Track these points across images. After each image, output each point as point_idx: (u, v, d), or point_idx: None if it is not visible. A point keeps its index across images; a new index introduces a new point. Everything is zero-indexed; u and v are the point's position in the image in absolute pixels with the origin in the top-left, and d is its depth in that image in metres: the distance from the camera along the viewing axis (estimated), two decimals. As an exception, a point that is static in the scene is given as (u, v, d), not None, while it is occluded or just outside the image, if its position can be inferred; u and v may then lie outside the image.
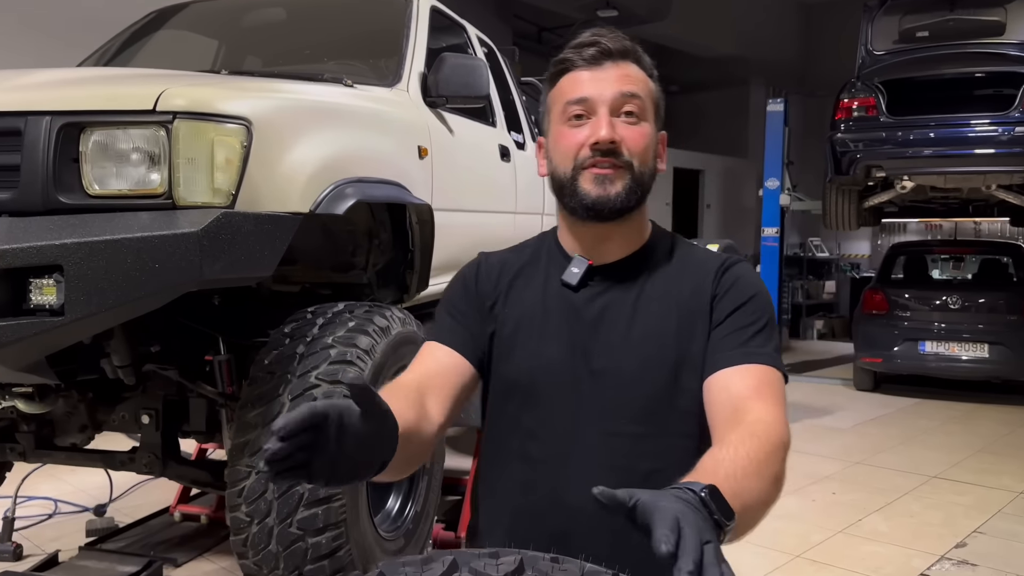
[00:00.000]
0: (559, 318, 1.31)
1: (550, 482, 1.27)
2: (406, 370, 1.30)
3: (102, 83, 1.95)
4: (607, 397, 1.27)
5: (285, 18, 3.60)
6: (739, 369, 1.22)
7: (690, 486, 0.91)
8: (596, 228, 1.29)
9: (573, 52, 1.29)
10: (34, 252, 1.61)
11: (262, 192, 1.87)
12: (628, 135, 1.26)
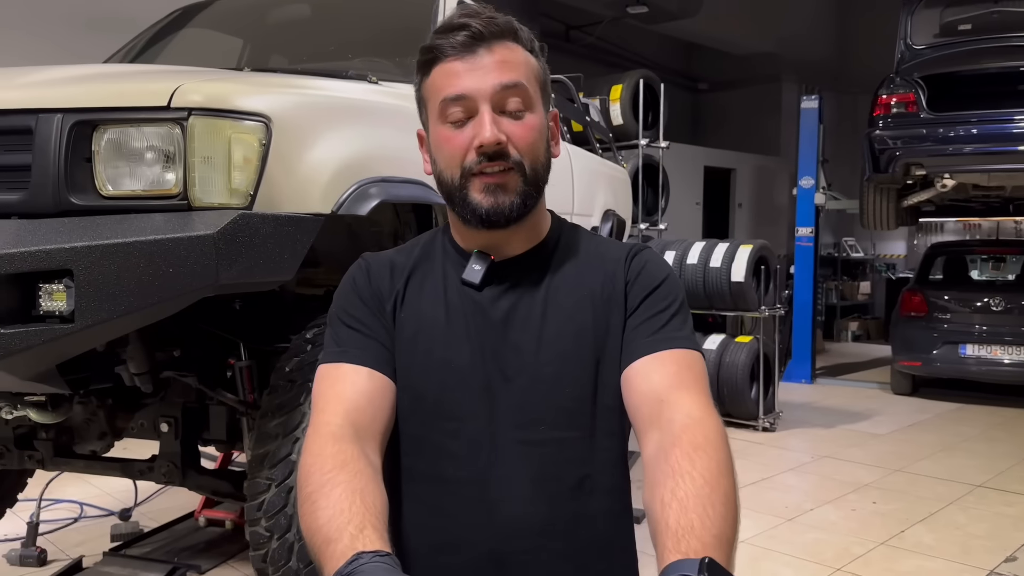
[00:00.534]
0: (463, 321, 1.19)
1: (472, 504, 1.16)
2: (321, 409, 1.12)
3: (115, 79, 1.87)
4: (525, 403, 1.16)
5: (310, 15, 3.53)
6: (658, 356, 1.14)
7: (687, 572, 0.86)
8: (493, 234, 1.19)
9: (442, 37, 1.15)
10: (43, 256, 1.54)
11: (282, 192, 1.78)
12: (515, 132, 1.14)
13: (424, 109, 1.20)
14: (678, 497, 0.97)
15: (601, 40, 10.54)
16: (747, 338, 6.56)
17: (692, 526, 0.93)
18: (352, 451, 1.04)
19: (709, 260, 6.49)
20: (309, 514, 0.96)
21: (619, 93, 7.27)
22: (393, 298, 1.23)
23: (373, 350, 1.18)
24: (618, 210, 5.54)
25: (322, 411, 1.11)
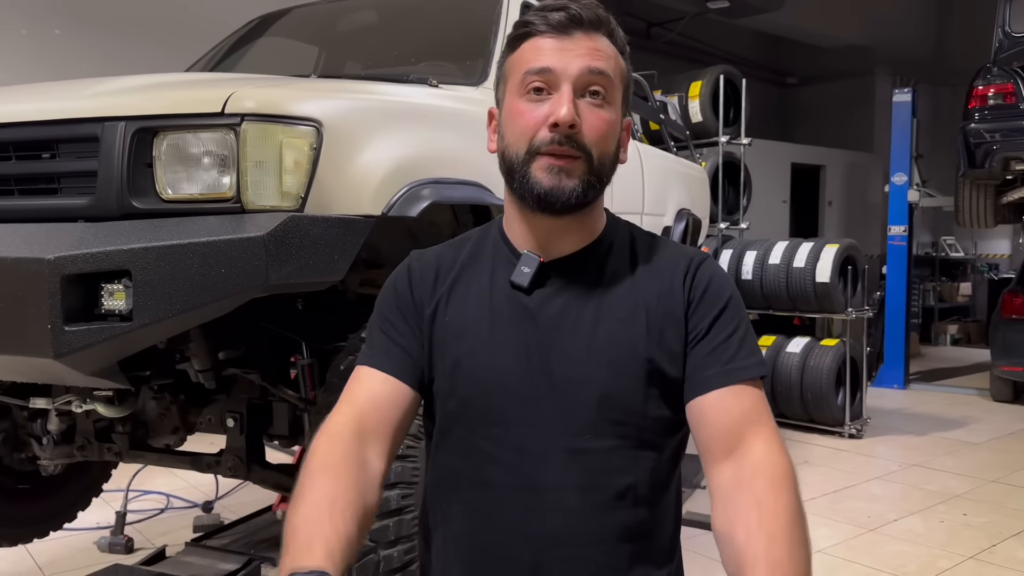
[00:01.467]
0: (510, 324, 1.17)
1: (515, 510, 1.14)
2: (336, 407, 1.15)
3: (174, 88, 1.95)
4: (572, 411, 1.13)
5: (380, 21, 3.59)
6: (729, 391, 1.11)
7: None
8: (548, 222, 1.16)
9: (537, 16, 1.14)
10: (103, 257, 1.61)
11: (333, 194, 1.82)
12: (589, 119, 1.12)
13: (502, 84, 1.20)
14: (766, 530, 0.98)
15: (683, 36, 10.38)
16: (833, 341, 6.33)
17: (782, 562, 0.95)
18: (344, 452, 1.06)
19: (793, 260, 6.30)
20: (290, 510, 1.00)
21: (698, 90, 7.13)
22: (435, 302, 1.22)
23: (397, 358, 1.19)
24: (694, 209, 5.43)
25: (336, 410, 1.14)
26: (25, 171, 1.86)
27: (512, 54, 1.18)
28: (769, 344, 6.41)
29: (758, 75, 12.04)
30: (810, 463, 5.43)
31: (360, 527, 1.01)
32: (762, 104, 11.89)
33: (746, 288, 6.51)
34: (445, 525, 1.21)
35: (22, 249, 1.66)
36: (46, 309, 1.61)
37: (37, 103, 1.90)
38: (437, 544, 1.22)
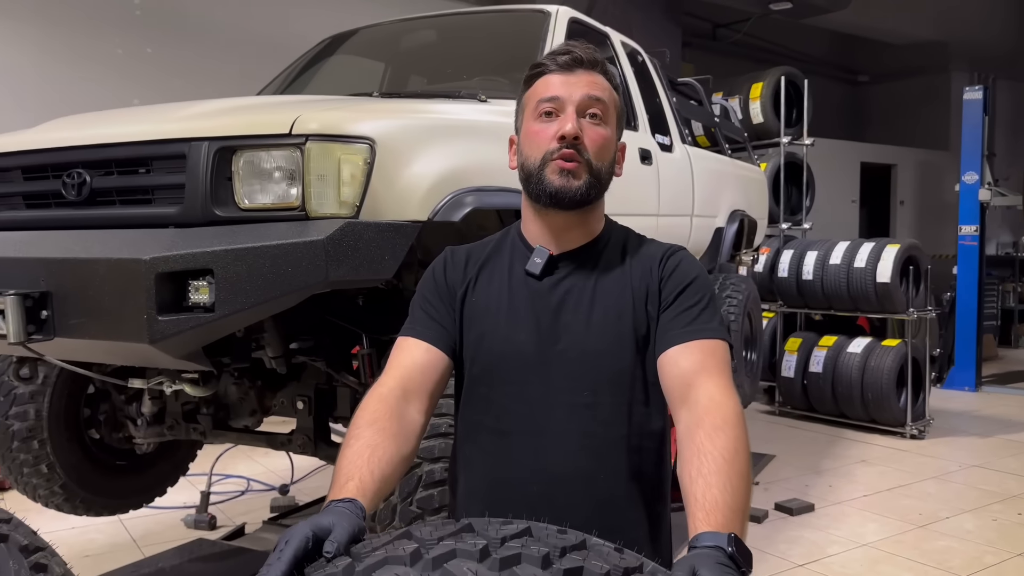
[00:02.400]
0: (525, 305, 1.43)
1: (527, 452, 1.39)
2: (385, 371, 1.40)
3: (248, 111, 2.23)
4: (574, 372, 1.39)
5: (439, 39, 3.85)
6: (687, 346, 1.34)
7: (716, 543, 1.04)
8: (558, 217, 1.42)
9: (548, 59, 1.43)
10: (191, 258, 1.90)
11: (384, 203, 2.07)
12: (590, 134, 1.39)
13: (521, 114, 1.49)
14: (703, 474, 1.17)
15: (749, 37, 10.37)
16: (895, 341, 6.32)
17: (716, 501, 1.13)
18: (388, 409, 1.31)
19: (853, 260, 6.32)
20: (340, 453, 1.24)
21: (759, 91, 7.19)
22: (465, 285, 1.50)
23: (435, 330, 1.46)
24: (750, 211, 5.53)
25: (384, 373, 1.41)
26: (125, 184, 2.17)
27: (528, 90, 1.48)
28: (830, 344, 6.43)
29: (829, 74, 11.91)
30: (867, 462, 5.46)
31: (395, 471, 1.25)
32: (832, 103, 11.76)
33: (807, 288, 6.55)
34: (469, 469, 1.49)
35: (123, 251, 1.97)
36: (143, 302, 1.91)
37: (135, 126, 2.22)
38: (462, 489, 1.50)
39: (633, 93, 3.94)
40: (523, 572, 0.88)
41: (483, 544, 0.92)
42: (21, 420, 2.89)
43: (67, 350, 2.21)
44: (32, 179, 2.33)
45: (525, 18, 3.51)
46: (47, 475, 2.95)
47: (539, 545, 0.94)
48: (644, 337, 1.41)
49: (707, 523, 1.09)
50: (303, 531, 1.00)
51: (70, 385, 2.98)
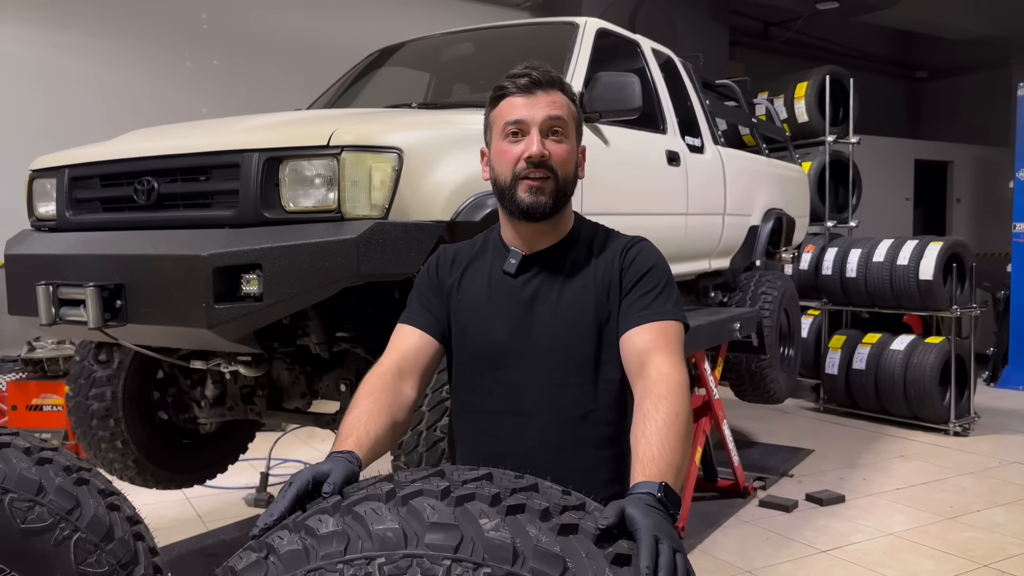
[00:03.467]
0: (502, 300, 1.64)
1: (507, 428, 1.62)
2: (384, 353, 1.63)
3: (293, 125, 2.52)
4: (546, 357, 1.60)
5: (477, 49, 4.10)
6: (643, 327, 1.54)
7: (648, 489, 1.24)
8: (530, 226, 1.62)
9: (509, 81, 1.61)
10: (243, 255, 2.19)
11: (411, 205, 2.33)
12: (554, 150, 1.58)
13: (489, 131, 1.68)
14: (645, 435, 1.39)
15: (802, 35, 10.36)
16: (938, 339, 6.33)
17: (652, 456, 1.34)
18: (384, 384, 1.55)
19: (896, 258, 6.35)
20: (343, 418, 1.48)
21: (804, 90, 7.26)
22: (451, 283, 1.72)
23: (427, 319, 1.69)
24: (788, 209, 5.64)
25: (384, 354, 1.65)
26: (187, 190, 2.48)
27: (493, 109, 1.65)
28: (874, 342, 6.47)
29: (886, 70, 11.79)
30: (906, 457, 5.52)
31: (388, 434, 1.49)
32: (888, 100, 11.63)
33: (850, 286, 6.61)
34: (462, 441, 1.72)
35: (185, 248, 2.27)
36: (202, 292, 2.21)
37: (195, 138, 2.52)
38: (459, 454, 1.73)
39: (662, 97, 4.12)
40: (473, 508, 1.10)
41: (446, 486, 1.15)
42: (99, 400, 3.24)
43: (138, 335, 2.53)
44: (108, 186, 2.66)
45: (555, 30, 3.74)
46: (121, 450, 3.29)
47: (492, 487, 1.16)
48: (607, 323, 1.61)
49: (644, 475, 1.30)
50: (305, 475, 1.24)
51: (142, 370, 3.32)
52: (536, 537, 1.06)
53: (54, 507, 1.51)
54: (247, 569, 1.10)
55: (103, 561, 1.53)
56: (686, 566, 1.11)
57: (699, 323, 3.96)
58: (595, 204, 3.17)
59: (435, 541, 1.05)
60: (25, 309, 2.59)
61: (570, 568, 1.03)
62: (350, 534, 1.08)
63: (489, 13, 8.01)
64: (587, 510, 1.18)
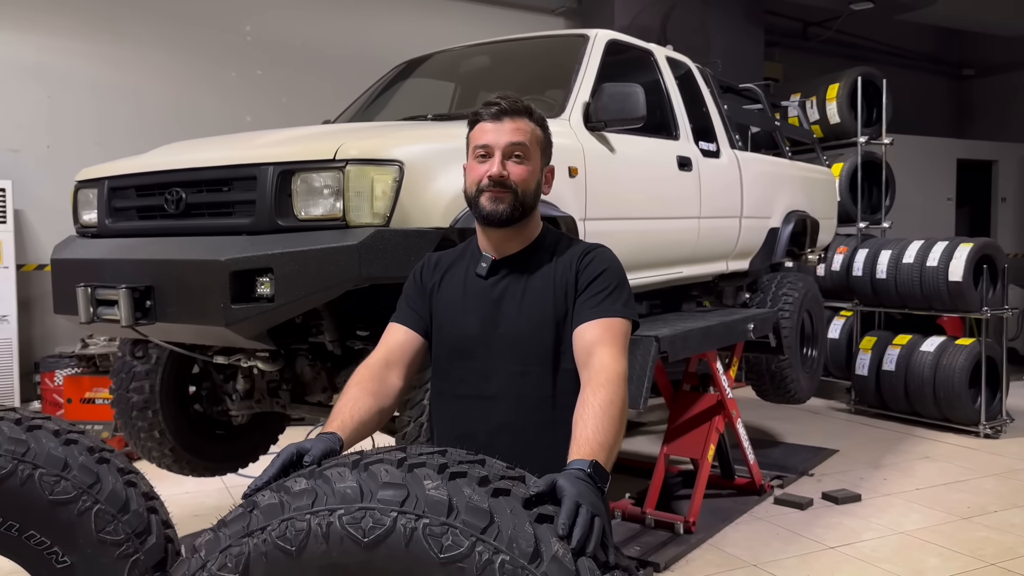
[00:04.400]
0: (474, 299, 1.84)
1: (476, 411, 1.82)
2: (376, 348, 1.85)
3: (304, 140, 2.74)
4: (510, 349, 1.80)
5: (496, 61, 4.28)
6: (591, 323, 1.73)
7: (580, 465, 1.44)
8: (497, 233, 1.83)
9: (483, 109, 1.84)
10: (256, 260, 2.41)
11: (411, 213, 2.52)
12: (514, 171, 1.79)
13: (468, 149, 1.90)
14: (583, 418, 1.58)
15: (843, 34, 10.30)
16: (969, 340, 6.31)
17: (587, 437, 1.53)
18: (372, 375, 1.77)
19: (926, 259, 6.35)
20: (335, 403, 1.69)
21: (835, 92, 7.27)
22: (432, 284, 1.94)
23: (413, 318, 1.91)
24: (812, 211, 5.70)
25: (375, 349, 1.87)
26: (211, 200, 2.72)
27: (469, 132, 1.89)
28: (904, 343, 6.47)
29: (929, 68, 11.63)
30: (931, 458, 5.53)
31: (373, 418, 1.71)
32: (931, 99, 11.47)
33: (880, 287, 6.61)
34: (439, 424, 1.94)
35: (206, 253, 2.50)
36: (221, 293, 2.43)
37: (218, 152, 2.76)
38: (437, 433, 1.94)
39: (675, 104, 4.25)
40: (421, 473, 1.29)
41: (402, 456, 1.35)
42: (139, 393, 3.50)
43: (165, 332, 2.77)
44: (143, 196, 2.91)
45: (567, 42, 3.90)
46: (159, 439, 3.56)
47: (443, 459, 1.35)
48: (564, 319, 1.81)
49: (578, 453, 1.48)
50: (291, 449, 1.47)
51: (177, 365, 3.58)
52: (469, 496, 1.26)
53: (77, 482, 1.73)
54: (234, 520, 1.34)
55: (119, 530, 1.75)
56: (601, 529, 1.28)
57: (710, 324, 4.08)
58: (599, 209, 3.33)
59: (386, 496, 1.26)
60: (68, 308, 2.86)
61: (496, 522, 1.23)
62: (318, 491, 1.29)
63: (523, 19, 8.18)
64: (525, 483, 1.36)
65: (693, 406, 4.39)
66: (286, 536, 1.25)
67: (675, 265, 4.21)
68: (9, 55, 6.17)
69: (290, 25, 7.14)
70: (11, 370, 5.84)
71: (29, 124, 6.24)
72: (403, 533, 1.22)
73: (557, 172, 3.07)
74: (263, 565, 1.26)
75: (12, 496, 1.70)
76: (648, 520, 4.09)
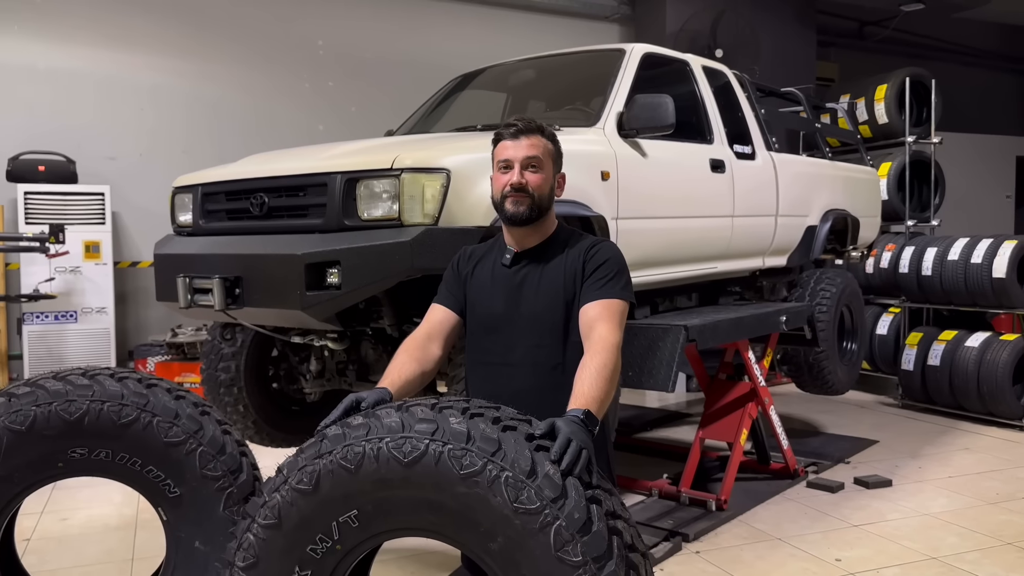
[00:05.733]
0: (500, 284, 2.24)
1: (501, 377, 2.22)
2: (420, 323, 2.28)
3: (366, 152, 3.17)
4: (529, 325, 2.19)
5: (542, 73, 4.66)
6: (594, 303, 2.11)
7: (575, 413, 1.83)
8: (518, 231, 2.22)
9: (503, 129, 2.24)
10: (326, 254, 2.86)
11: (457, 214, 2.93)
12: (531, 179, 2.19)
13: (493, 163, 2.31)
14: (580, 378, 1.98)
15: (901, 32, 10.34)
16: (1013, 336, 6.40)
17: (583, 392, 1.92)
18: (416, 345, 2.21)
19: (971, 256, 6.47)
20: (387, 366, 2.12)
21: (883, 92, 7.42)
22: (467, 272, 2.35)
23: (450, 299, 2.33)
24: (853, 210, 5.90)
25: (419, 325, 2.29)
26: (289, 204, 3.18)
27: (494, 149, 2.29)
28: (949, 339, 6.60)
29: (992, 65, 11.53)
30: (970, 450, 5.68)
31: (416, 379, 2.14)
32: (994, 96, 11.38)
33: (926, 284, 6.76)
34: (471, 386, 2.35)
35: (285, 249, 2.97)
36: (297, 282, 2.88)
37: (295, 163, 3.23)
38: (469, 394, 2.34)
39: (710, 110, 4.56)
40: (447, 413, 1.69)
41: (435, 402, 1.75)
42: (226, 372, 4.00)
43: (251, 316, 3.25)
44: (231, 200, 3.39)
45: (605, 56, 4.25)
46: (243, 413, 4.05)
47: (465, 404, 1.74)
48: (572, 300, 2.20)
49: (574, 404, 1.87)
50: (351, 397, 1.90)
51: (259, 348, 4.07)
52: (483, 429, 1.65)
53: (186, 428, 2.20)
54: (308, 447, 1.77)
55: (218, 468, 2.21)
56: (588, 459, 1.66)
57: (741, 315, 4.39)
58: (630, 209, 3.68)
59: (420, 428, 1.68)
60: (168, 296, 3.37)
61: (503, 448, 1.62)
62: (371, 425, 1.72)
63: (579, 27, 8.53)
64: (531, 425, 1.75)
65: (727, 393, 4.69)
66: (347, 457, 1.67)
67: (709, 261, 4.52)
68: (107, 72, 6.84)
69: (360, 39, 7.66)
70: (109, 357, 6.48)
71: (124, 134, 6.90)
72: (433, 455, 1.62)
73: (590, 176, 3.52)
74: (330, 480, 1.68)
75: (136, 438, 2.18)
76: (683, 498, 4.40)
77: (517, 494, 1.57)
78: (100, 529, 4.13)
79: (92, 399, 2.14)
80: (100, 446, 2.15)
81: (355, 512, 1.68)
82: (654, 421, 6.45)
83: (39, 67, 6.63)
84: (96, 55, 6.79)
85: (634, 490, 4.59)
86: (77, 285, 6.41)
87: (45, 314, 6.31)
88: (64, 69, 6.69)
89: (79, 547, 3.91)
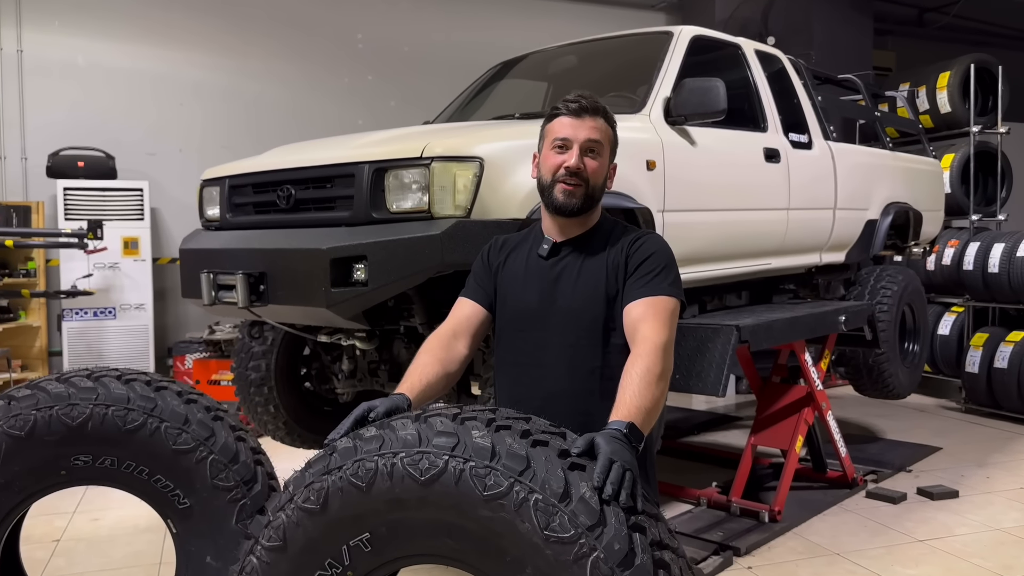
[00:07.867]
0: (535, 276, 2.03)
1: (532, 378, 2.00)
2: (446, 319, 2.08)
3: (396, 140, 2.99)
4: (565, 322, 1.97)
5: (584, 59, 4.44)
6: (639, 301, 1.89)
7: (618, 426, 1.61)
8: (563, 220, 2.00)
9: (563, 104, 1.99)
10: (352, 248, 2.68)
11: (491, 205, 2.73)
12: (589, 165, 1.96)
13: (543, 140, 2.08)
14: (623, 385, 1.77)
15: (962, 19, 9.87)
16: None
17: (626, 401, 1.71)
18: (440, 343, 2.00)
19: (1043, 252, 6.09)
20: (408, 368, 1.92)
21: (946, 80, 7.03)
22: (498, 264, 2.15)
23: (479, 293, 2.13)
24: (915, 203, 5.58)
25: (445, 320, 2.09)
26: (316, 196, 3.01)
27: (548, 124, 2.06)
28: (1018, 340, 6.22)
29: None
30: (1020, 454, 5.34)
31: (439, 382, 1.94)
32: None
33: (993, 282, 6.38)
34: (500, 389, 2.14)
35: (309, 243, 2.80)
36: (323, 278, 2.71)
37: (322, 153, 3.05)
38: (496, 400, 2.15)
39: (763, 97, 4.29)
40: (471, 425, 1.50)
41: (458, 411, 1.56)
42: (256, 371, 3.87)
43: (276, 313, 3.09)
44: (258, 192, 3.24)
45: (651, 40, 4.02)
46: (273, 414, 3.92)
47: (491, 415, 1.55)
48: (615, 298, 1.97)
49: (617, 415, 1.66)
50: (363, 406, 1.72)
51: (290, 347, 3.93)
52: (510, 445, 1.45)
53: (196, 434, 2.04)
54: (316, 461, 1.60)
55: (230, 477, 2.05)
56: (633, 481, 1.45)
57: (797, 314, 4.12)
58: (678, 201, 3.45)
59: (439, 442, 1.48)
60: (193, 292, 3.24)
61: (532, 466, 1.42)
62: (385, 438, 1.53)
63: (625, 15, 8.29)
64: (565, 439, 1.55)
65: (782, 398, 4.42)
66: (358, 474, 1.49)
67: (762, 256, 4.26)
68: (147, 68, 6.80)
69: (398, 32, 7.52)
70: (147, 354, 6.44)
71: (163, 130, 6.86)
72: (453, 473, 1.43)
73: (634, 165, 3.29)
74: (339, 498, 1.50)
75: (142, 445, 2.03)
76: (733, 508, 4.16)
77: (548, 520, 1.37)
78: (130, 531, 4.04)
79: (96, 403, 2.00)
80: (105, 453, 2.01)
81: (367, 535, 1.50)
82: (701, 424, 6.19)
83: (79, 63, 6.62)
84: (136, 51, 6.76)
85: (680, 499, 4.36)
86: (116, 281, 6.38)
87: (84, 310, 6.29)
88: (104, 65, 6.67)
89: (107, 549, 3.82)
